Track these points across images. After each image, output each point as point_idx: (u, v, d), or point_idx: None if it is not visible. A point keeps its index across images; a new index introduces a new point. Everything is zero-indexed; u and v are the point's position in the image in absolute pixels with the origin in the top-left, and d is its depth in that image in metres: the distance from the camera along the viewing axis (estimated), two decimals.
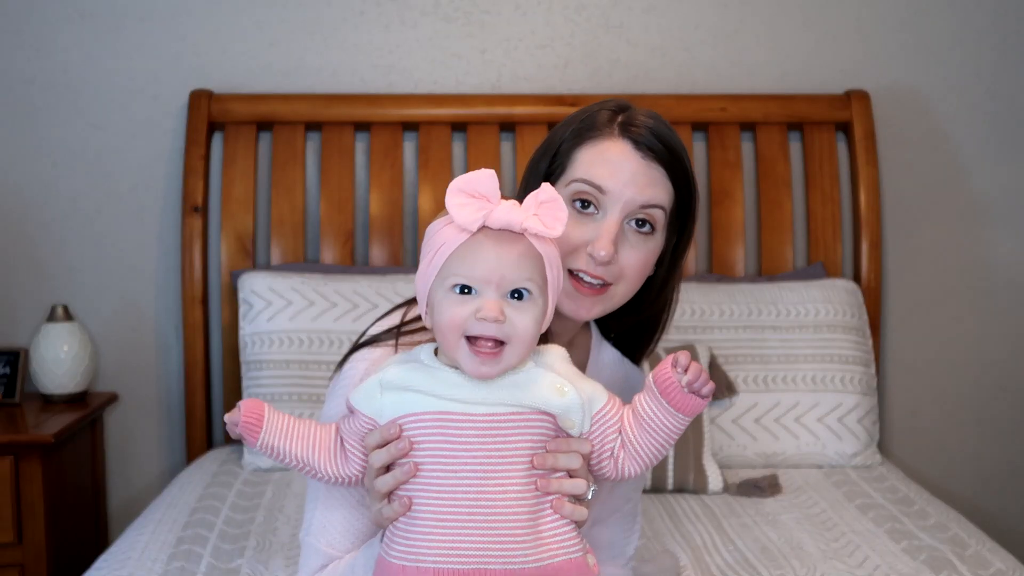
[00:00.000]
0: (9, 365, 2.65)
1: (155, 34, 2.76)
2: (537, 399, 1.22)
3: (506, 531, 1.19)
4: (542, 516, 1.22)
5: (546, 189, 1.23)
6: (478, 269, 1.20)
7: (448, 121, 2.75)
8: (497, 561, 1.19)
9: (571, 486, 1.24)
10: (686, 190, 1.45)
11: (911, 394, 2.90)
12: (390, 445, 1.23)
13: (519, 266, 1.20)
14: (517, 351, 1.21)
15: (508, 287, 1.20)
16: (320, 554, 1.38)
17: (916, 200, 2.88)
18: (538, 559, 1.20)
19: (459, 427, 1.21)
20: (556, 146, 1.46)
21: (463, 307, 1.20)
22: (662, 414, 1.26)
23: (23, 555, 2.37)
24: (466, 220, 1.20)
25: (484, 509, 1.19)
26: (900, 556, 1.96)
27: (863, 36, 2.85)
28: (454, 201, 1.21)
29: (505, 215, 1.20)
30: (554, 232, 1.22)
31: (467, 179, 1.21)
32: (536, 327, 1.22)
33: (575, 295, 1.41)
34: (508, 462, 1.21)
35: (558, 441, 1.24)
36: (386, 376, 1.26)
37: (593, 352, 1.55)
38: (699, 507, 2.27)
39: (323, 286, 2.54)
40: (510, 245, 1.21)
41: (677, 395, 1.24)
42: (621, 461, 1.28)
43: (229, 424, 1.29)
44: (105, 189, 2.78)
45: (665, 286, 1.51)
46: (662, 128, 1.43)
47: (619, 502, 1.55)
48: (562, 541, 1.23)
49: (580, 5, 2.81)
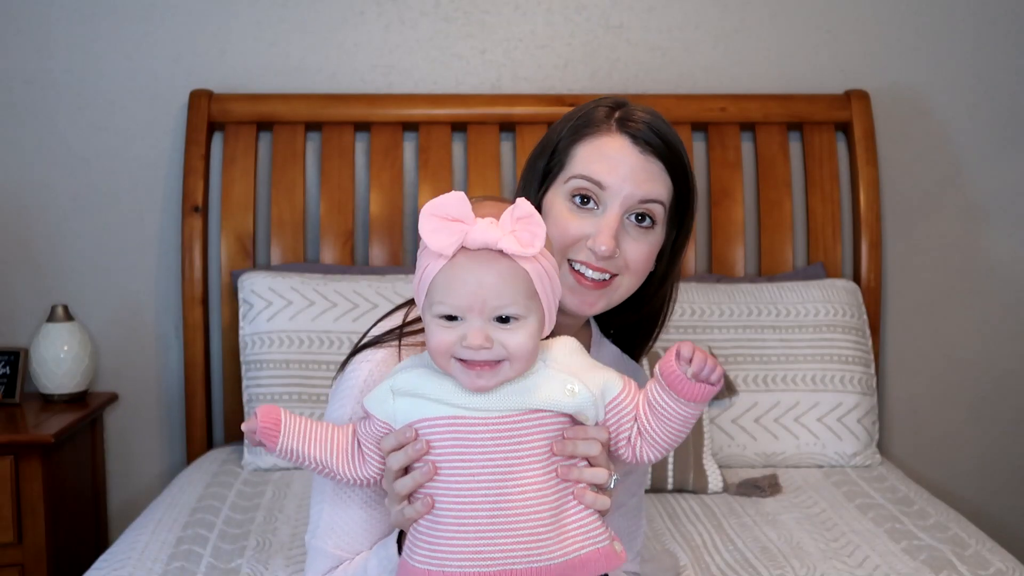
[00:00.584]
0: (9, 365, 2.65)
1: (155, 34, 2.76)
2: (547, 402, 1.22)
3: (528, 529, 1.19)
4: (565, 510, 1.22)
5: (522, 205, 1.19)
6: (458, 298, 1.18)
7: (448, 121, 2.75)
8: (522, 560, 1.19)
9: (592, 475, 1.24)
10: (684, 185, 1.45)
11: (911, 394, 2.90)
12: (408, 447, 1.23)
13: (500, 292, 1.18)
14: (515, 367, 1.21)
15: (492, 313, 1.19)
16: (328, 556, 1.37)
17: (916, 200, 2.88)
18: (564, 553, 1.20)
19: (473, 430, 1.21)
20: (554, 144, 1.46)
21: (449, 334, 1.19)
22: (673, 404, 1.25)
23: (23, 555, 2.37)
24: (441, 246, 1.18)
25: (505, 509, 1.19)
26: (900, 556, 1.96)
27: (863, 36, 2.85)
28: (428, 226, 1.18)
29: (482, 236, 1.17)
30: (531, 250, 1.18)
31: (438, 203, 1.18)
32: (532, 341, 1.21)
33: (578, 289, 1.41)
34: (525, 461, 1.21)
35: (575, 429, 1.24)
36: (397, 382, 1.26)
37: (593, 349, 1.55)
38: (699, 507, 2.27)
39: (323, 286, 2.54)
40: (490, 267, 1.18)
41: (684, 385, 1.24)
42: (639, 447, 1.28)
43: (247, 432, 1.30)
44: (105, 189, 2.78)
45: (664, 282, 1.51)
46: (659, 123, 1.43)
47: (623, 497, 1.56)
48: (587, 532, 1.23)
49: (580, 5, 2.81)
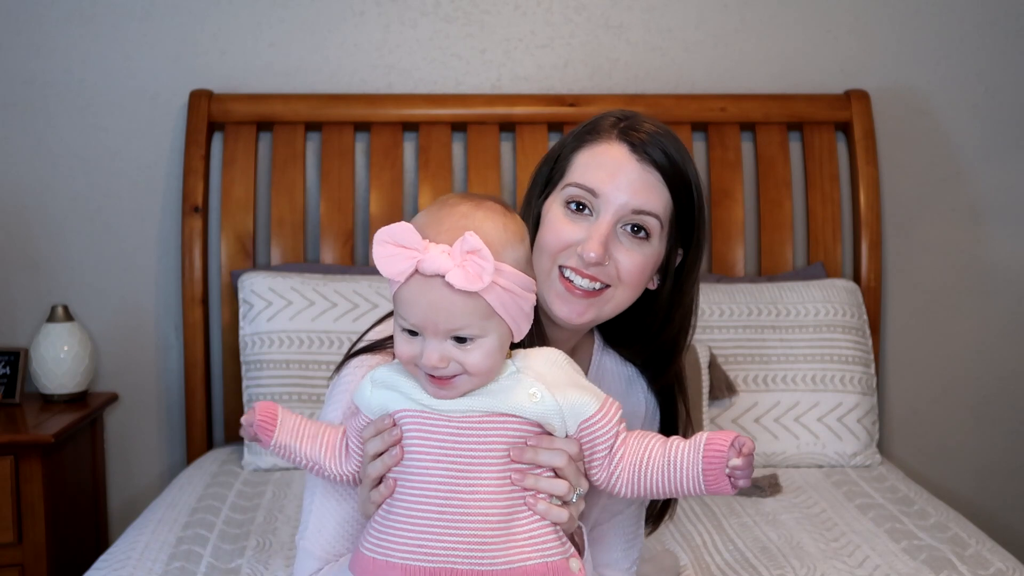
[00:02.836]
0: (9, 365, 2.65)
1: (155, 34, 2.76)
2: (510, 405, 1.22)
3: (475, 531, 1.20)
4: (517, 518, 1.22)
5: (470, 239, 1.16)
6: (414, 317, 1.20)
7: (448, 121, 2.75)
8: (465, 561, 1.19)
9: (549, 485, 1.23)
10: (687, 202, 1.42)
11: (911, 394, 2.90)
12: (384, 433, 1.25)
13: (451, 316, 1.18)
14: (474, 381, 1.22)
15: (446, 334, 1.20)
16: (314, 558, 1.38)
17: (916, 200, 2.88)
18: (508, 560, 1.20)
19: (435, 426, 1.22)
20: (559, 151, 1.46)
21: (411, 346, 1.21)
22: (690, 472, 1.23)
23: (23, 555, 2.37)
24: (394, 272, 1.18)
25: (454, 508, 1.20)
26: (900, 556, 1.96)
27: (863, 36, 2.85)
28: (382, 252, 1.18)
29: (432, 265, 1.17)
30: (479, 285, 1.17)
31: (389, 231, 1.18)
32: (490, 359, 1.21)
33: (567, 297, 1.40)
34: (482, 462, 1.21)
35: (541, 438, 1.24)
36: (376, 374, 1.28)
37: (595, 358, 1.54)
38: (699, 507, 2.27)
39: (323, 286, 2.54)
40: (443, 292, 1.18)
41: (717, 471, 1.22)
42: (617, 477, 1.26)
43: (245, 424, 1.33)
44: (105, 189, 2.78)
45: (673, 305, 1.47)
46: (665, 137, 1.41)
47: (620, 506, 1.54)
48: (538, 543, 1.22)
49: (580, 5, 2.81)
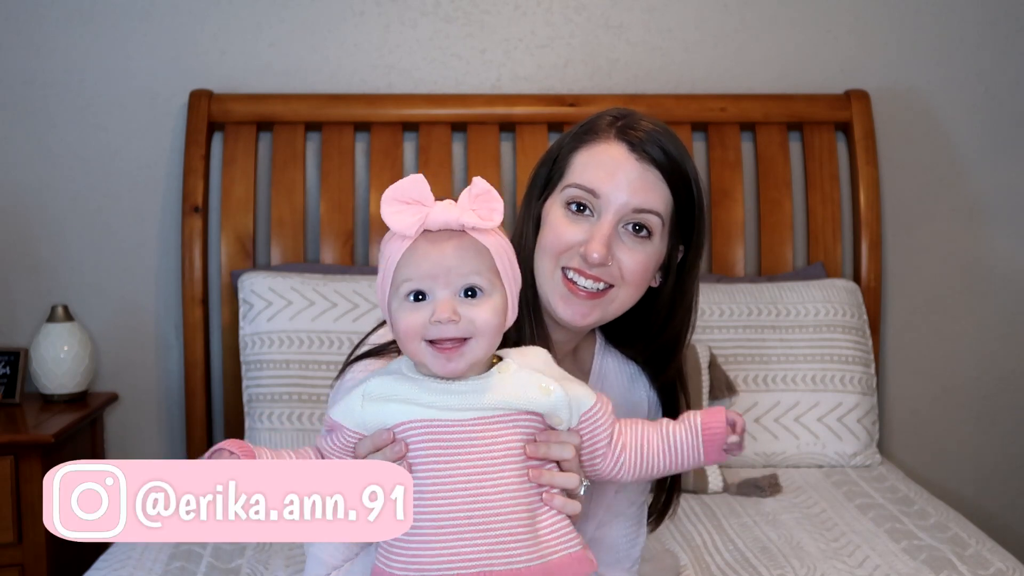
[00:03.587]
0: (9, 365, 2.65)
1: (155, 34, 2.76)
2: (523, 400, 1.22)
3: (506, 531, 1.19)
4: (539, 514, 1.22)
5: (478, 183, 1.22)
6: (424, 267, 1.20)
7: (448, 121, 2.75)
8: (500, 562, 1.18)
9: (563, 479, 1.24)
10: (687, 199, 1.42)
11: (911, 394, 2.90)
12: (386, 450, 1.21)
13: (463, 259, 1.20)
14: (482, 345, 1.21)
15: (458, 284, 1.20)
16: (322, 563, 1.37)
17: (916, 200, 2.88)
18: (540, 556, 1.20)
19: (448, 433, 1.20)
20: (556, 152, 1.45)
21: (418, 313, 1.20)
22: (691, 453, 1.30)
23: (23, 555, 2.37)
24: (403, 226, 1.20)
25: (482, 511, 1.19)
26: (900, 556, 1.96)
27: (863, 36, 2.85)
28: (389, 210, 1.21)
29: (442, 215, 1.20)
30: (492, 223, 1.22)
31: (398, 187, 1.21)
32: (498, 318, 1.22)
33: (570, 298, 1.40)
34: (501, 462, 1.21)
35: (548, 432, 1.24)
36: (368, 388, 1.24)
37: (597, 358, 1.54)
38: (699, 507, 2.27)
39: (323, 286, 2.54)
40: (452, 242, 1.21)
41: (715, 447, 1.30)
42: (621, 464, 1.30)
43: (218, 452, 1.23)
44: (105, 189, 2.78)
45: (675, 302, 1.47)
46: (663, 134, 1.41)
47: (623, 506, 1.54)
48: (560, 537, 1.23)
49: (580, 5, 2.81)
